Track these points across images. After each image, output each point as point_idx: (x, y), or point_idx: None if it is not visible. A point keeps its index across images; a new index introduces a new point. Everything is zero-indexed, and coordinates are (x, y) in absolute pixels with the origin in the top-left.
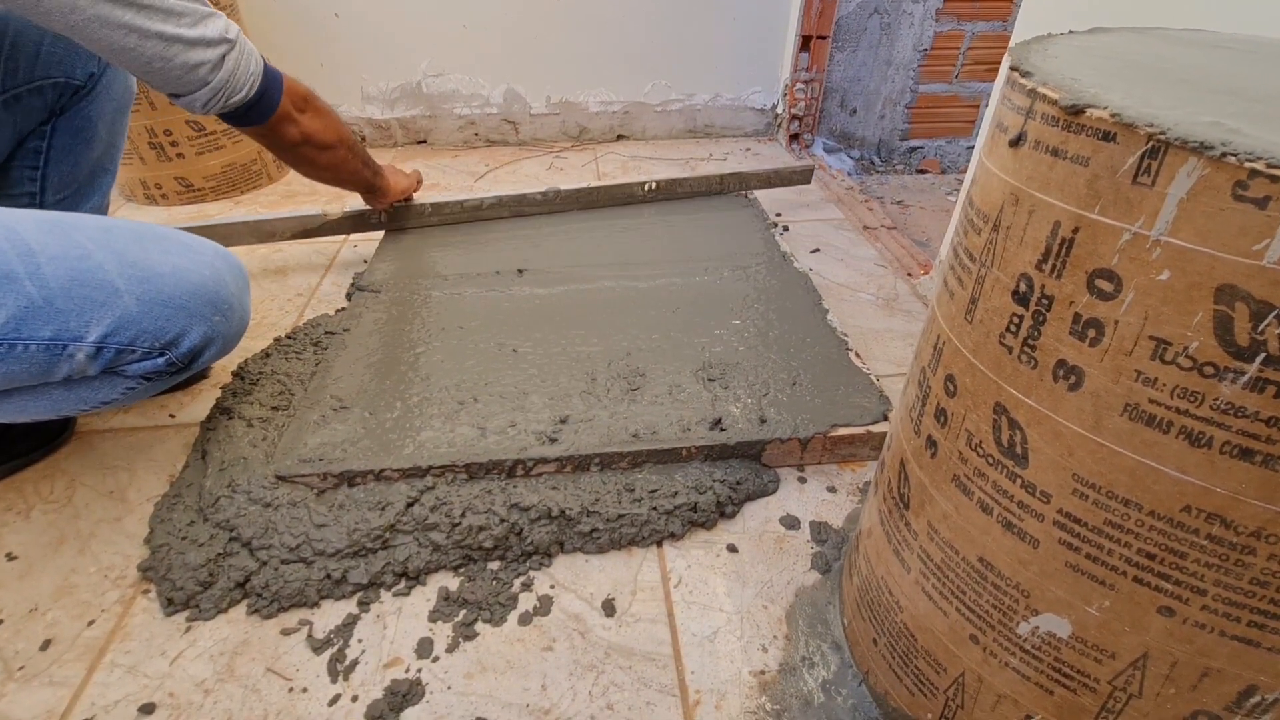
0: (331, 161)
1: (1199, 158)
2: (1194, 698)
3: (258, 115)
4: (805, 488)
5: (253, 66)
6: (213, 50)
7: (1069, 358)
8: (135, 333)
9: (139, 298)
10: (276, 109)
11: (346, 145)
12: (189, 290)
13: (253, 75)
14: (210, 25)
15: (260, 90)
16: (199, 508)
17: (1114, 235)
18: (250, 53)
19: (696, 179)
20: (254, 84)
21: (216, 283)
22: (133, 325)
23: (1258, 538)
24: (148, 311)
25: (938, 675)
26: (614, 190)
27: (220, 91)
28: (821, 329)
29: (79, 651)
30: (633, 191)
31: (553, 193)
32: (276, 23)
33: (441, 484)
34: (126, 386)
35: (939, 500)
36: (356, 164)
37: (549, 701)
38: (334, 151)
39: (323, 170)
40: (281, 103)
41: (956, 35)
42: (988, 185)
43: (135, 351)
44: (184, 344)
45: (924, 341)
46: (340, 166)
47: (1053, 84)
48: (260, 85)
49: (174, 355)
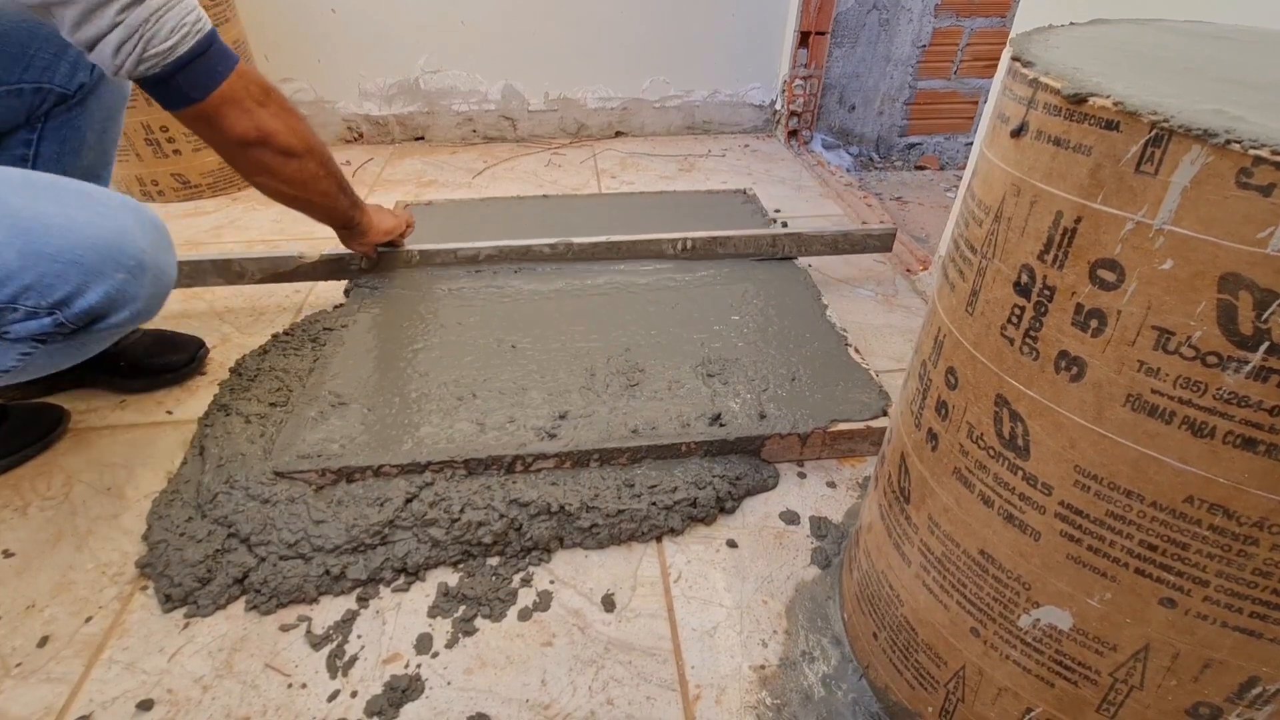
0: (298, 175)
1: (1203, 145)
2: (1196, 689)
3: (190, 86)
4: (805, 483)
5: (189, 19)
6: None
7: (1071, 349)
8: (16, 289)
9: (20, 250)
10: (219, 85)
11: (318, 159)
12: (84, 243)
13: (184, 26)
14: None
15: (194, 51)
16: (197, 504)
17: (1117, 225)
18: (190, 5)
19: (742, 238)
20: (185, 38)
21: (120, 236)
22: (12, 280)
23: (1260, 528)
24: (30, 265)
25: (938, 668)
26: (636, 246)
27: (136, 35)
28: (821, 325)
29: (77, 648)
30: (661, 249)
31: (563, 245)
32: (273, 17)
33: (440, 480)
34: (20, 352)
35: (940, 493)
36: (330, 185)
37: (549, 697)
38: (300, 162)
39: (286, 185)
40: (229, 81)
41: (955, 31)
42: (989, 176)
43: (18, 310)
44: (77, 303)
45: (924, 335)
46: (309, 184)
47: (1055, 73)
48: (195, 44)
49: (65, 315)
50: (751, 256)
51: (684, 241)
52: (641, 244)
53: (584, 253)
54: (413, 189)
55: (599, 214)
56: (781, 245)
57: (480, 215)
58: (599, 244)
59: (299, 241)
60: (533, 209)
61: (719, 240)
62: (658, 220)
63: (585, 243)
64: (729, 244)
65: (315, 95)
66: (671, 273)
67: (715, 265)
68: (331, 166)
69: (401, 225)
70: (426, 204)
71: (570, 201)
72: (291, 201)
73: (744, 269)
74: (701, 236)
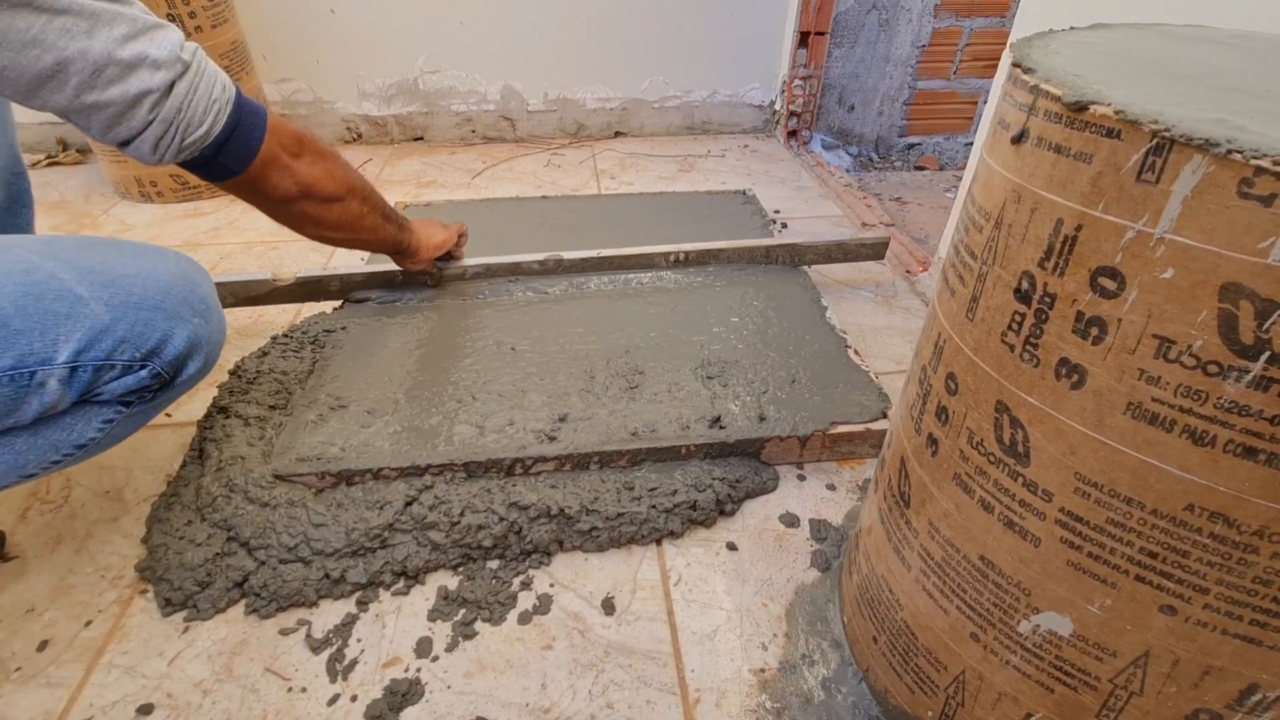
0: (343, 218)
1: (1204, 155)
2: (1195, 696)
3: (232, 160)
4: (805, 485)
5: (215, 93)
6: (159, 74)
7: (1071, 356)
8: (112, 343)
9: (108, 303)
10: (258, 152)
11: (359, 196)
12: (161, 289)
13: (215, 104)
14: (157, 41)
15: (229, 126)
16: (196, 507)
17: (1117, 233)
18: (211, 76)
19: (735, 249)
20: (218, 117)
21: (188, 280)
22: (108, 335)
23: (1260, 536)
24: (121, 317)
25: (938, 673)
26: (629, 260)
27: (171, 129)
28: (820, 326)
29: (76, 652)
30: (654, 261)
31: (552, 260)
32: (271, 18)
33: (440, 483)
34: (103, 420)
35: (940, 498)
36: (375, 218)
37: (549, 700)
38: (343, 205)
39: (333, 230)
40: (265, 144)
41: (955, 31)
42: (989, 182)
43: (115, 366)
44: (169, 350)
45: (925, 340)
46: (356, 223)
47: (1056, 80)
48: (229, 119)
49: (159, 365)
50: (745, 263)
51: (677, 254)
52: (634, 257)
53: (574, 267)
54: (412, 189)
55: (598, 215)
56: (776, 256)
57: (479, 216)
58: (589, 259)
59: (297, 243)
60: (532, 210)
61: (712, 252)
62: (657, 221)
63: (575, 258)
64: (722, 256)
65: (314, 96)
66: (671, 275)
67: (715, 267)
68: (373, 198)
69: (453, 237)
70: (425, 205)
71: (569, 202)
72: (341, 243)
73: (743, 271)
74: (695, 249)
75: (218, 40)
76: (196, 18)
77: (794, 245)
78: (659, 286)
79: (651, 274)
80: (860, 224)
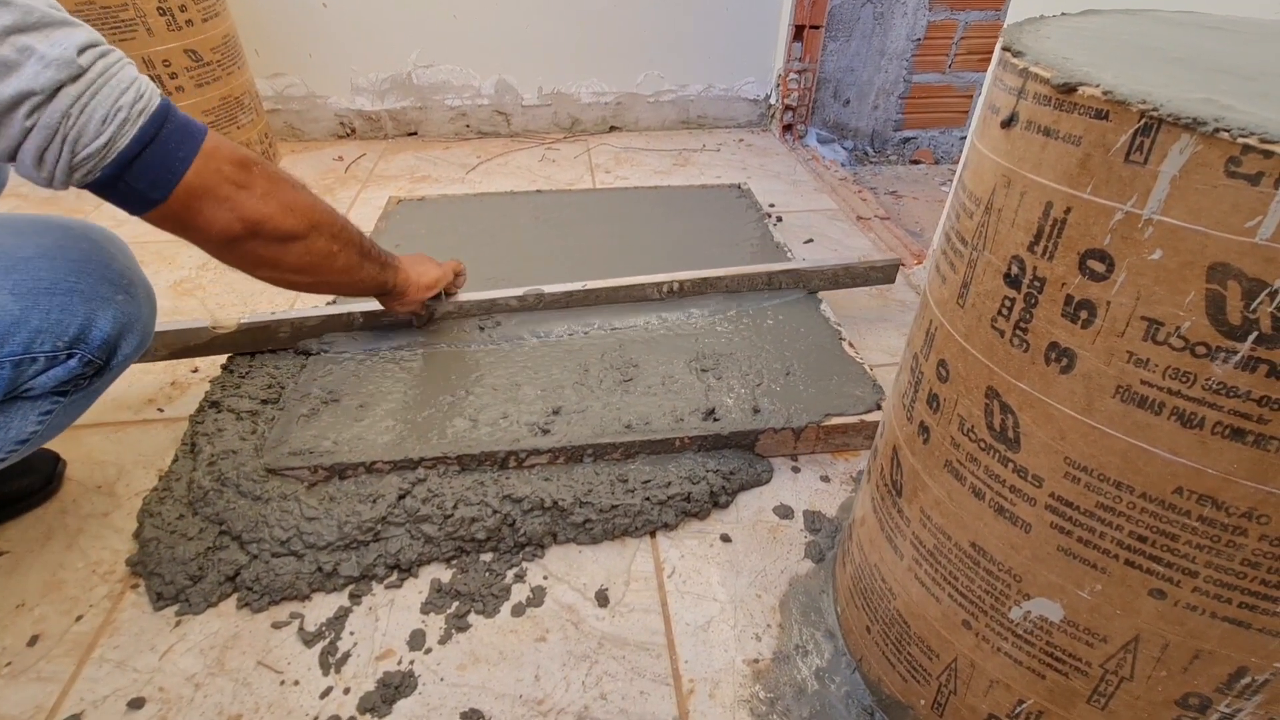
0: (306, 259)
1: (1192, 134)
2: (1185, 680)
3: (146, 184)
4: (799, 477)
5: (123, 100)
6: (45, 74)
7: (1061, 340)
8: (28, 335)
9: (12, 291)
10: (183, 176)
11: (327, 232)
12: (72, 268)
13: (119, 113)
14: (53, 38)
15: (140, 140)
16: (188, 501)
17: (1106, 215)
18: (121, 81)
19: (735, 277)
20: (123, 127)
21: (101, 255)
22: (21, 327)
23: (1249, 518)
24: (33, 305)
25: (931, 661)
26: (616, 292)
27: (57, 138)
28: (815, 319)
29: (67, 647)
30: (646, 293)
31: (533, 295)
32: (263, 12)
33: (433, 476)
34: (41, 412)
35: (931, 486)
36: (349, 257)
37: (542, 692)
38: (305, 243)
39: (294, 274)
40: (196, 168)
41: (949, 25)
42: (979, 168)
43: (37, 359)
44: (95, 334)
45: (916, 328)
46: (323, 265)
47: (1045, 63)
48: (140, 132)
49: (87, 351)
50: (745, 290)
51: (671, 284)
52: (623, 290)
53: (556, 302)
54: (406, 184)
55: (593, 209)
56: (778, 282)
57: (474, 211)
58: (574, 292)
59: None
60: (527, 204)
61: (709, 281)
62: (652, 215)
63: (556, 292)
64: (720, 284)
65: (307, 90)
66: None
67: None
68: (346, 233)
69: (448, 274)
70: (419, 199)
71: (565, 197)
72: (308, 288)
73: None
74: (691, 277)
75: (209, 34)
76: (187, 11)
77: (798, 271)
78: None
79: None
80: (855, 217)
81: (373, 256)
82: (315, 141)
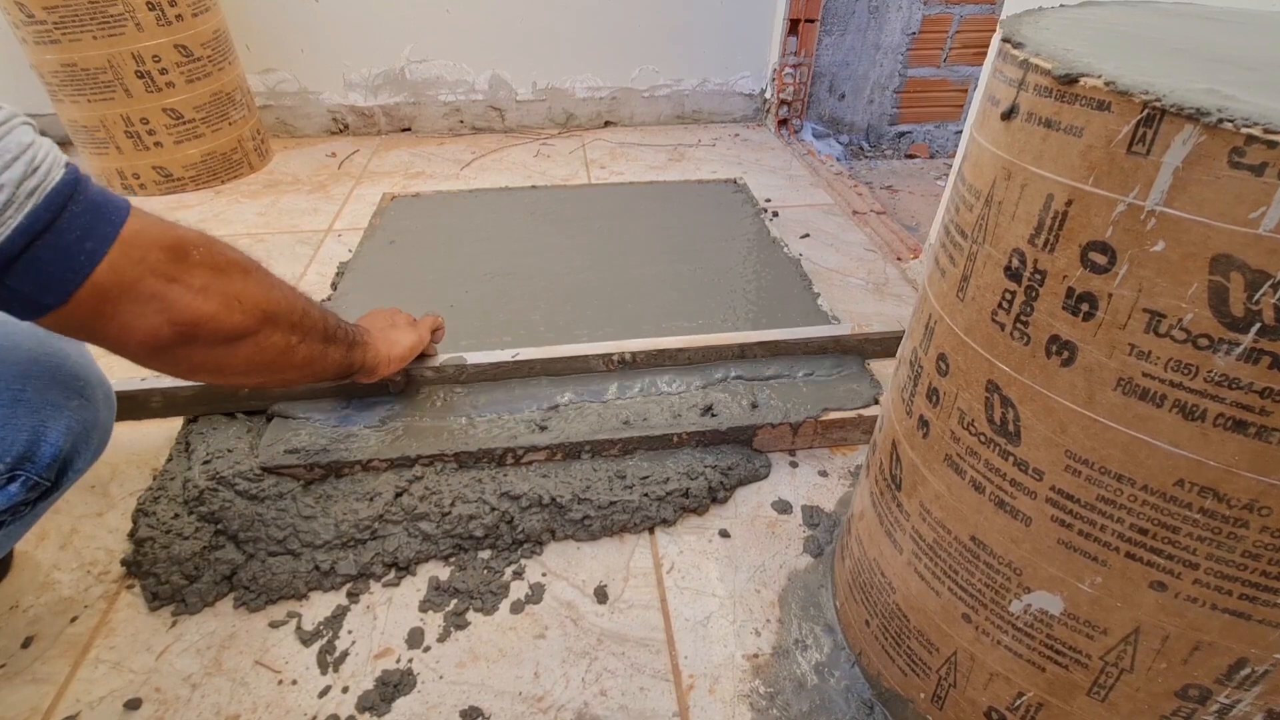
0: (256, 359)
1: (1195, 125)
2: (1185, 671)
3: (35, 285)
4: (797, 472)
5: (7, 170)
6: None
7: (1062, 333)
8: None
9: None
10: (90, 273)
11: (284, 324)
12: (17, 373)
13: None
14: None
15: (25, 229)
16: (183, 501)
17: (1108, 207)
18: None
19: (696, 349)
20: (7, 208)
21: (50, 350)
22: None
23: (1250, 510)
24: None
25: (930, 655)
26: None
27: None
28: (812, 313)
29: (62, 648)
30: (590, 365)
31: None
32: (255, 6)
33: (430, 473)
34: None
35: (931, 480)
36: (311, 347)
37: (542, 689)
38: (256, 339)
39: (242, 375)
40: (110, 259)
41: (944, 19)
42: (979, 160)
43: None
44: (43, 451)
45: (915, 322)
46: (278, 362)
47: (1045, 54)
48: (26, 218)
49: (33, 472)
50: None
51: (621, 355)
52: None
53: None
54: (400, 180)
55: (589, 204)
56: (750, 354)
57: (468, 206)
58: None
59: (285, 235)
60: (521, 200)
61: (666, 354)
62: (648, 211)
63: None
64: (681, 357)
65: (299, 86)
66: (662, 263)
67: (705, 258)
68: (308, 319)
69: (425, 335)
70: (414, 196)
71: (559, 192)
72: (263, 386)
73: (735, 261)
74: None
75: (199, 29)
76: (177, 5)
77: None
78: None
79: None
80: (851, 211)
81: (339, 339)
82: (308, 138)
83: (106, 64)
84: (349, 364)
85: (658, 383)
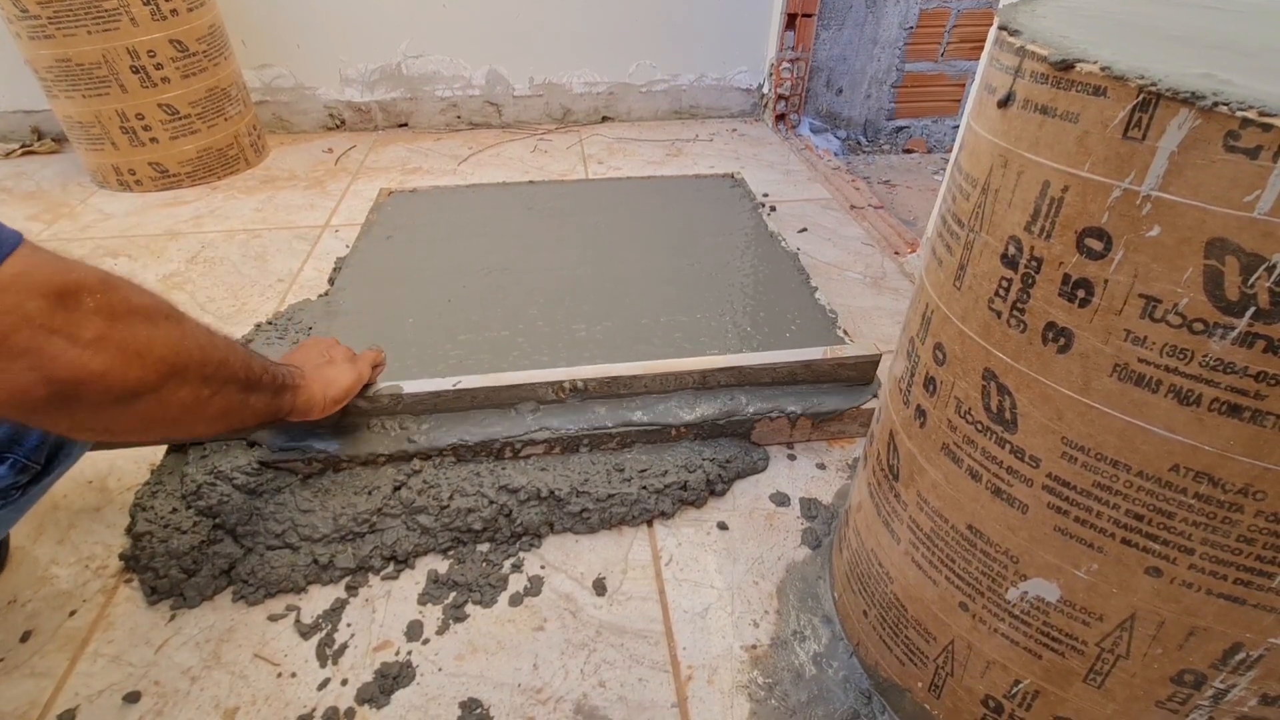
0: (158, 415)
1: (1190, 109)
2: (1180, 657)
3: None
4: (795, 465)
5: None
6: None
7: (1058, 320)
8: None
9: None
10: None
11: (198, 374)
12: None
13: None
14: None
15: None
16: (181, 495)
17: (1104, 193)
18: None
19: (654, 377)
20: None
21: None
22: None
23: (1245, 495)
24: None
25: (928, 644)
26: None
27: None
28: (810, 307)
29: (61, 642)
30: (539, 394)
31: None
32: (249, 2)
33: (429, 467)
34: None
35: (928, 470)
36: (229, 398)
37: (541, 680)
38: (157, 396)
39: (141, 435)
40: None
41: (942, 13)
42: (976, 149)
43: None
44: (30, 432)
45: (912, 312)
46: (183, 419)
47: (1042, 41)
48: None
49: (21, 455)
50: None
51: (574, 382)
52: (524, 388)
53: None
54: (397, 176)
55: (586, 200)
56: (712, 381)
57: (466, 201)
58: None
59: (283, 231)
60: (519, 195)
61: (620, 381)
62: (646, 206)
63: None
64: (637, 384)
65: (295, 81)
66: (658, 257)
67: (703, 252)
68: (226, 368)
69: (364, 376)
70: (411, 191)
71: (557, 187)
72: (171, 439)
73: (733, 255)
74: (596, 378)
75: (194, 24)
76: (171, 0)
77: (741, 370)
78: (648, 268)
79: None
80: (849, 206)
81: (263, 385)
82: (304, 133)
83: (101, 59)
84: (275, 410)
85: None
